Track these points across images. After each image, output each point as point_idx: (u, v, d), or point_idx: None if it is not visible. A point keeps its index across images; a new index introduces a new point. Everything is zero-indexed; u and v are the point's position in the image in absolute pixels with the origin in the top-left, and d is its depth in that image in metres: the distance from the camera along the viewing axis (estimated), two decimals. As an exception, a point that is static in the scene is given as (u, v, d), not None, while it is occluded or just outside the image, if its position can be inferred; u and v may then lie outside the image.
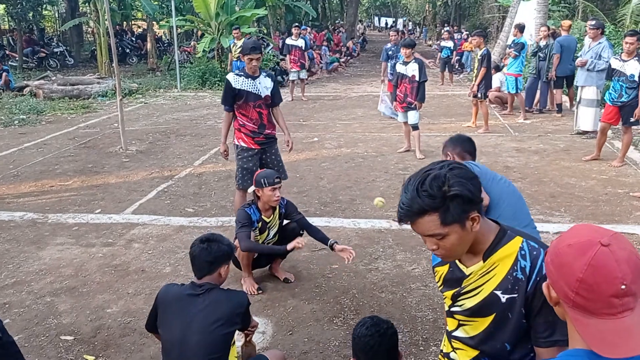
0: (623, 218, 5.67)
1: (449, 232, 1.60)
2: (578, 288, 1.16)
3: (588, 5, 18.18)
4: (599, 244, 1.17)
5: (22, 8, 19.84)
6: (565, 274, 1.19)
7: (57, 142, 9.73)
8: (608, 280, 1.13)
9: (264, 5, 21.65)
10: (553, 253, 1.25)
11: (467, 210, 1.60)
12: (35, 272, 4.74)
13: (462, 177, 1.59)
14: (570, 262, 1.18)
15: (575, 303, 1.17)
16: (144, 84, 16.86)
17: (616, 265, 1.14)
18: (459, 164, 1.69)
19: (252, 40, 5.82)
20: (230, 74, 5.31)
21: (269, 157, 5.38)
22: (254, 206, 4.34)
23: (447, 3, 44.82)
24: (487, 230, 1.73)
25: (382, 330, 2.45)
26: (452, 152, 3.20)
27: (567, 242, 1.22)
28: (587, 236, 1.20)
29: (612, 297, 1.13)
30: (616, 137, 8.78)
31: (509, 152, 8.37)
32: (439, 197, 1.55)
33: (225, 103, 5.28)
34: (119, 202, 6.55)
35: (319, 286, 4.42)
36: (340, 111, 12.51)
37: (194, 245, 2.72)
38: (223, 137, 5.38)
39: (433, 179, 1.57)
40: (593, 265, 1.15)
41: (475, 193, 1.61)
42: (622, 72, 7.11)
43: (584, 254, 1.17)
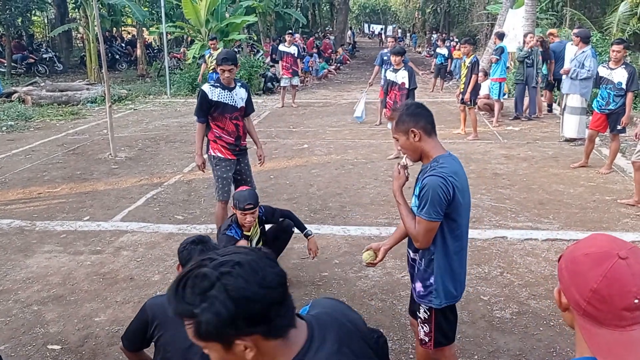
0: (611, 225, 5.71)
1: (207, 347, 1.26)
2: (591, 298, 1.15)
3: (575, 13, 18.40)
4: (617, 256, 1.16)
5: (10, 14, 19.72)
6: (578, 283, 1.18)
7: (46, 149, 9.66)
8: (622, 294, 1.13)
9: (254, 12, 21.70)
10: (568, 260, 1.23)
11: (230, 334, 1.21)
12: (22, 280, 4.70)
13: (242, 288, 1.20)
14: (586, 272, 1.17)
15: (586, 312, 1.17)
16: (133, 90, 16.80)
17: (632, 279, 1.13)
18: (248, 261, 1.25)
19: (225, 50, 5.57)
20: (206, 85, 5.11)
21: (243, 167, 5.30)
22: (234, 225, 4.22)
23: (437, 10, 45.16)
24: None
25: (374, 339, 2.45)
26: (416, 126, 2.58)
27: (584, 251, 1.21)
28: (605, 247, 1.19)
29: (624, 310, 1.13)
30: (604, 145, 8.87)
31: (498, 159, 8.42)
32: (195, 304, 1.21)
33: (199, 115, 5.06)
34: (107, 209, 6.51)
35: (309, 294, 4.41)
36: (330, 118, 12.53)
37: (185, 248, 2.65)
38: (199, 149, 5.16)
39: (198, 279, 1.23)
40: (608, 277, 1.14)
41: (255, 313, 1.20)
42: (609, 80, 7.19)
43: (600, 264, 1.16)
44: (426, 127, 2.61)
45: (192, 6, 16.47)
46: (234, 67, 4.97)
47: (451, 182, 2.50)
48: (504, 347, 3.65)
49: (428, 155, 2.62)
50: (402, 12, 64.37)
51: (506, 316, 4.03)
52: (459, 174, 2.60)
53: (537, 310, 4.08)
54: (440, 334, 2.75)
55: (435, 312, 2.71)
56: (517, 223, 5.83)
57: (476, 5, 29.97)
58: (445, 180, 2.49)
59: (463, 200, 2.59)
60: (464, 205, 2.61)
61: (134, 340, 2.64)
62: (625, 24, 15.00)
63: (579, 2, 20.87)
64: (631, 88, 7.06)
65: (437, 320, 2.72)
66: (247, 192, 4.22)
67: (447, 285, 2.66)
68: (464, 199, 2.60)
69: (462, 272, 2.75)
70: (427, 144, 2.61)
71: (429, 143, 2.61)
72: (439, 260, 2.63)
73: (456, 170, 2.59)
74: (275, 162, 8.54)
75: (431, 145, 2.62)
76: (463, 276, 2.78)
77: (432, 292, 2.68)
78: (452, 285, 2.68)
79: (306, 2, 34.29)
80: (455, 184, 2.51)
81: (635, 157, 6.16)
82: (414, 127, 2.60)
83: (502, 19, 16.06)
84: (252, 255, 1.28)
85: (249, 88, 5.42)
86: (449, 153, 2.68)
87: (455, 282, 2.69)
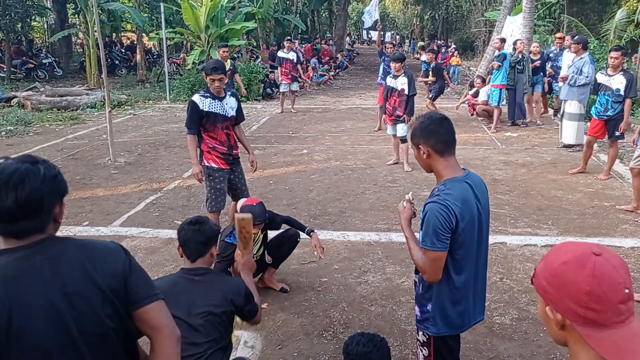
0: (610, 231, 5.73)
1: None
2: (588, 301, 1.15)
3: (573, 20, 18.49)
4: (593, 254, 1.17)
5: (10, 19, 19.74)
6: (570, 292, 1.18)
7: (45, 154, 9.65)
8: (613, 288, 1.15)
9: (253, 19, 21.77)
10: (548, 275, 1.22)
11: None
12: (21, 285, 4.68)
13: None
14: (573, 278, 1.17)
15: (587, 318, 1.16)
16: (133, 96, 16.82)
17: (615, 271, 1.16)
18: None
19: (213, 60, 5.44)
20: (196, 96, 5.00)
21: (236, 177, 5.27)
22: (234, 233, 4.21)
23: (435, 17, 45.35)
24: None
25: (378, 344, 2.48)
26: (425, 144, 2.44)
27: (560, 261, 1.21)
28: (578, 250, 1.20)
29: (620, 303, 1.15)
30: (602, 151, 8.90)
31: (497, 165, 8.44)
32: None
33: (190, 126, 4.96)
34: (107, 214, 6.51)
35: (309, 299, 4.42)
36: (329, 123, 12.56)
37: (183, 229, 2.69)
38: (194, 158, 5.02)
39: None
40: (597, 276, 1.15)
41: None
42: (608, 87, 7.23)
43: (583, 266, 1.17)
44: (437, 147, 2.41)
45: (191, 12, 16.50)
46: (223, 77, 4.93)
47: (453, 212, 2.30)
48: (504, 353, 3.65)
49: (439, 175, 2.45)
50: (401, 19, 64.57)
51: (506, 322, 4.03)
52: (468, 201, 2.37)
53: (537, 316, 4.08)
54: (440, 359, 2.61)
55: (434, 339, 2.57)
56: (516, 229, 5.84)
57: (474, 12, 30.10)
58: (447, 208, 2.30)
59: (470, 230, 2.38)
60: (470, 235, 2.40)
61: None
62: (622, 30, 15.10)
63: (576, 9, 20.99)
64: (629, 94, 7.10)
65: (436, 346, 2.58)
66: (257, 208, 4.10)
67: (448, 314, 2.49)
68: (471, 227, 2.39)
69: (470, 301, 2.53)
70: (439, 164, 2.44)
71: (440, 163, 2.43)
72: (439, 288, 2.46)
73: (465, 198, 2.36)
74: (274, 167, 8.56)
75: (442, 165, 2.43)
76: (473, 305, 2.56)
77: (428, 319, 2.54)
78: (454, 313, 2.49)
79: (305, 9, 34.39)
80: (460, 213, 2.32)
81: (633, 163, 6.18)
82: (423, 144, 2.43)
83: (500, 26, 16.13)
84: None
85: (238, 97, 5.38)
86: (467, 174, 2.47)
87: (458, 312, 2.49)
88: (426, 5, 44.16)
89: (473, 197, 2.42)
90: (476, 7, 29.43)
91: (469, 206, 2.38)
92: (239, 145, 5.32)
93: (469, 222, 2.37)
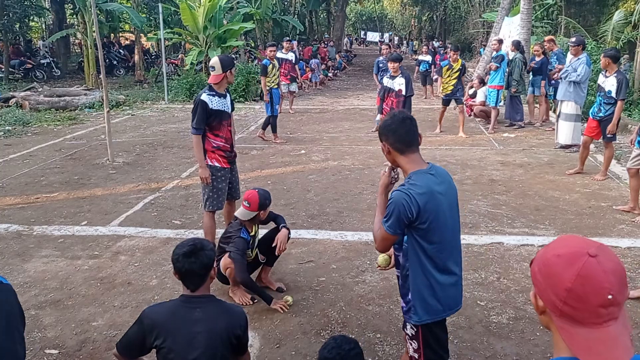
0: (606, 231, 5.75)
1: None
2: (566, 297, 1.17)
3: (570, 21, 18.54)
4: (587, 254, 1.18)
5: (8, 19, 19.72)
6: (553, 284, 1.20)
7: (43, 154, 9.66)
8: (596, 291, 1.16)
9: (251, 19, 21.78)
10: (541, 262, 1.26)
11: None
12: (19, 284, 4.70)
13: None
14: (559, 272, 1.19)
15: (563, 312, 1.19)
16: (131, 96, 16.81)
17: (604, 275, 1.16)
18: None
19: (226, 55, 5.50)
20: (204, 95, 4.85)
21: (234, 175, 5.25)
22: (243, 228, 4.36)
23: (433, 18, 45.41)
24: None
25: (344, 352, 2.42)
26: (386, 142, 2.59)
27: (555, 252, 1.23)
28: (575, 247, 1.22)
29: (600, 307, 1.15)
30: (599, 151, 8.93)
31: (494, 166, 8.46)
32: None
33: (199, 126, 4.86)
34: (105, 214, 6.51)
35: (306, 299, 4.43)
36: (327, 124, 12.58)
37: (178, 260, 2.56)
38: (202, 161, 4.95)
39: None
40: (582, 276, 1.16)
41: None
42: (602, 88, 7.29)
43: (572, 264, 1.18)
44: (395, 145, 2.54)
45: (190, 13, 16.52)
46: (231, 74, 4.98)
47: (416, 201, 2.40)
48: (501, 352, 3.67)
49: (404, 170, 2.58)
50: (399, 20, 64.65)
51: (503, 321, 4.05)
52: (433, 192, 2.46)
53: (534, 316, 4.10)
54: (429, 350, 2.65)
55: (421, 329, 2.62)
56: (514, 229, 5.86)
57: (472, 13, 30.14)
58: (410, 197, 2.40)
59: (436, 219, 2.46)
60: (438, 224, 2.47)
61: (130, 348, 2.59)
62: (619, 32, 15.14)
63: (574, 11, 21.04)
64: (619, 96, 7.13)
65: (424, 337, 2.63)
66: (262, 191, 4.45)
67: (427, 301, 2.56)
68: (437, 217, 2.46)
69: (450, 287, 2.61)
70: (400, 160, 2.57)
71: (401, 159, 2.57)
72: (415, 277, 2.55)
73: (430, 189, 2.45)
74: (272, 167, 8.57)
75: (404, 161, 2.56)
76: (453, 291, 2.64)
77: (411, 309, 2.61)
78: (434, 300, 2.56)
79: (303, 10, 34.42)
80: (424, 202, 2.41)
81: (630, 163, 6.21)
82: (384, 142, 2.58)
83: (498, 27, 16.17)
84: None
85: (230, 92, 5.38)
86: (430, 167, 2.57)
87: (437, 298, 2.56)
88: (424, 6, 44.22)
89: (438, 187, 2.50)
90: (474, 8, 29.46)
91: (433, 196, 2.46)
92: None
93: (434, 211, 2.46)
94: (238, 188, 5.35)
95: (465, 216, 6.27)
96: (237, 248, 4.23)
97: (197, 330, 2.47)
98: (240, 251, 4.22)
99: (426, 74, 17.77)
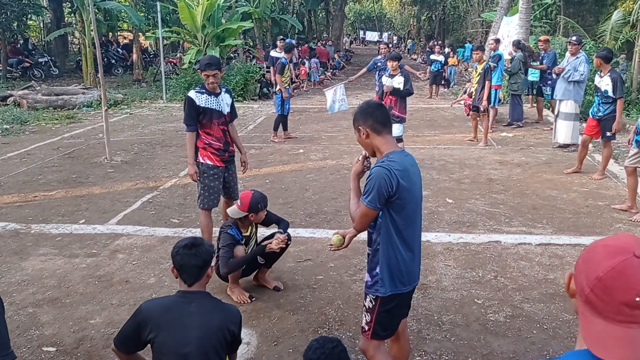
0: (604, 230, 5.76)
1: None
2: (595, 286, 1.17)
3: (569, 21, 18.56)
4: (633, 254, 1.18)
5: (6, 18, 19.69)
6: (588, 269, 1.21)
7: (41, 152, 9.65)
8: (625, 288, 1.15)
9: (250, 18, 21.76)
10: (590, 248, 1.27)
11: None
12: (17, 282, 4.70)
13: None
14: (598, 260, 1.20)
15: (588, 299, 1.19)
16: (129, 95, 16.80)
17: (638, 277, 1.15)
18: None
19: (208, 56, 5.33)
20: (192, 92, 4.91)
21: (230, 175, 5.21)
22: (234, 227, 4.37)
23: (432, 18, 45.43)
24: None
25: (328, 350, 2.46)
26: (364, 124, 2.76)
27: (605, 242, 1.24)
28: (625, 244, 1.21)
29: (624, 305, 1.15)
30: (597, 151, 8.94)
31: (492, 165, 8.47)
32: None
33: (189, 123, 4.89)
34: (103, 212, 6.51)
35: (304, 297, 4.44)
36: (326, 123, 12.58)
37: (178, 253, 2.60)
38: (191, 158, 4.96)
39: None
40: (617, 270, 1.16)
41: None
42: (599, 88, 7.32)
43: (613, 257, 1.18)
44: (374, 126, 2.74)
45: (188, 11, 16.51)
46: (217, 72, 4.85)
47: (396, 176, 2.60)
48: (498, 350, 3.68)
49: (380, 151, 2.76)
50: (398, 19, 64.71)
51: (500, 319, 4.06)
52: (408, 170, 2.68)
53: (531, 314, 4.11)
54: (379, 326, 2.81)
55: (380, 302, 2.78)
56: (511, 228, 5.87)
57: (471, 13, 30.16)
58: (390, 172, 2.60)
59: (409, 195, 2.67)
60: (410, 199, 2.69)
61: (127, 342, 2.62)
62: (618, 31, 15.16)
63: (572, 11, 21.08)
64: (616, 95, 7.15)
65: (379, 311, 2.79)
66: (257, 194, 4.40)
67: (393, 275, 2.74)
68: (410, 193, 2.68)
69: (411, 263, 2.78)
70: (377, 141, 2.76)
71: (378, 140, 2.76)
72: (385, 250, 2.72)
73: (405, 167, 2.67)
74: (270, 166, 8.57)
75: (381, 142, 2.76)
76: (413, 267, 2.81)
77: (377, 282, 2.76)
78: (398, 275, 2.74)
79: (302, 9, 34.42)
80: (401, 177, 2.61)
81: (627, 162, 6.22)
82: (362, 125, 2.76)
83: (497, 27, 16.19)
84: None
85: (232, 93, 5.32)
86: (403, 150, 2.82)
87: (401, 272, 2.74)
88: (423, 5, 44.23)
89: (411, 167, 2.74)
90: (473, 8, 29.50)
91: (408, 174, 2.69)
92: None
93: (408, 188, 2.67)
94: (236, 188, 5.30)
95: (463, 215, 6.28)
96: (222, 245, 4.26)
97: (190, 324, 2.50)
98: (226, 246, 4.24)
99: (437, 74, 17.74)
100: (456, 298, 4.38)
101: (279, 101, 10.34)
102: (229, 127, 5.10)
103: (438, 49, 19.20)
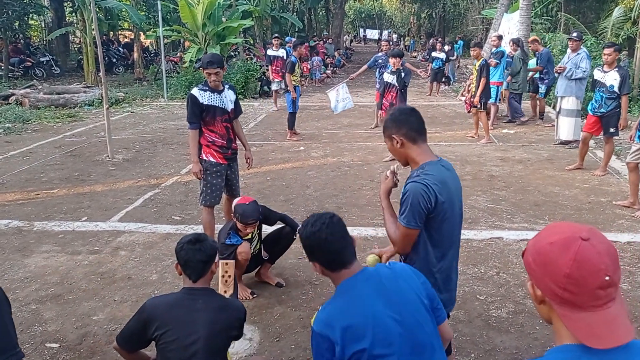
0: (606, 226, 5.76)
1: None
2: (566, 284, 1.18)
3: (570, 18, 18.52)
4: (580, 238, 1.20)
5: (7, 17, 19.69)
6: (550, 271, 1.21)
7: (43, 151, 9.66)
8: (593, 273, 1.17)
9: (250, 16, 21.75)
10: (534, 252, 1.26)
11: None
12: (20, 279, 4.71)
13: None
14: (555, 259, 1.20)
15: (563, 299, 1.20)
16: (130, 94, 16.81)
17: (599, 257, 1.18)
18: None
19: (210, 53, 5.29)
20: (195, 89, 4.91)
21: (232, 173, 5.20)
22: (232, 232, 4.29)
23: (432, 15, 45.37)
24: None
25: (326, 220, 2.26)
26: (398, 133, 2.53)
27: (548, 240, 1.24)
28: (566, 232, 1.23)
29: (598, 289, 1.17)
30: (598, 147, 8.93)
31: (494, 162, 8.47)
32: None
33: (192, 120, 4.87)
34: (105, 209, 6.52)
35: (306, 293, 4.44)
36: (326, 120, 12.58)
37: (182, 249, 2.61)
38: (194, 156, 4.94)
39: None
40: (578, 260, 1.18)
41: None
42: (602, 83, 7.27)
43: (567, 249, 1.19)
44: (409, 134, 2.51)
45: (189, 10, 16.51)
46: (220, 70, 4.83)
47: (433, 191, 2.39)
48: (501, 346, 3.68)
49: (414, 162, 2.54)
50: (398, 17, 64.64)
51: (502, 315, 4.06)
52: (446, 183, 2.46)
53: (533, 310, 4.11)
54: None
55: None
56: (513, 224, 5.87)
57: (471, 10, 30.13)
58: (427, 187, 2.39)
59: (449, 210, 2.47)
60: (447, 216, 2.48)
61: (131, 340, 2.62)
62: (619, 28, 15.11)
63: (573, 7, 21.05)
64: (623, 91, 7.13)
65: None
66: (250, 207, 4.19)
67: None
68: (451, 208, 2.48)
69: (447, 281, 2.63)
70: (412, 151, 2.53)
71: (413, 150, 2.53)
72: (421, 270, 2.44)
73: (443, 179, 2.46)
74: (271, 164, 8.58)
75: (417, 152, 2.53)
76: (450, 285, 2.65)
77: None
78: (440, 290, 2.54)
79: (302, 7, 34.40)
80: (439, 192, 2.41)
81: (629, 158, 6.22)
82: (395, 134, 2.53)
83: (497, 24, 16.15)
84: None
85: (235, 90, 5.31)
86: (440, 159, 2.57)
87: (438, 291, 2.48)
88: (423, 3, 44.16)
89: (449, 178, 2.51)
90: (473, 5, 29.46)
91: (446, 187, 2.46)
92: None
93: (447, 201, 2.45)
94: (238, 186, 5.33)
95: (465, 211, 6.22)
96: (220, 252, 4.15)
97: (198, 321, 2.50)
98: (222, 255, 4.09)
99: (438, 71, 17.72)
100: (458, 294, 4.36)
101: (290, 99, 10.33)
102: (232, 124, 5.10)
103: (440, 47, 19.20)
